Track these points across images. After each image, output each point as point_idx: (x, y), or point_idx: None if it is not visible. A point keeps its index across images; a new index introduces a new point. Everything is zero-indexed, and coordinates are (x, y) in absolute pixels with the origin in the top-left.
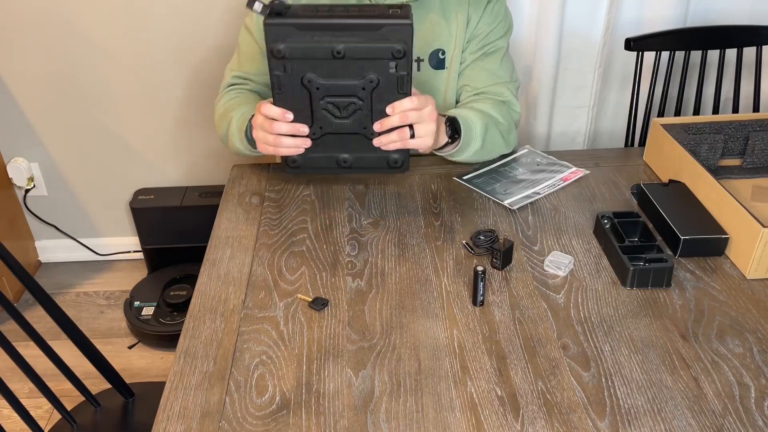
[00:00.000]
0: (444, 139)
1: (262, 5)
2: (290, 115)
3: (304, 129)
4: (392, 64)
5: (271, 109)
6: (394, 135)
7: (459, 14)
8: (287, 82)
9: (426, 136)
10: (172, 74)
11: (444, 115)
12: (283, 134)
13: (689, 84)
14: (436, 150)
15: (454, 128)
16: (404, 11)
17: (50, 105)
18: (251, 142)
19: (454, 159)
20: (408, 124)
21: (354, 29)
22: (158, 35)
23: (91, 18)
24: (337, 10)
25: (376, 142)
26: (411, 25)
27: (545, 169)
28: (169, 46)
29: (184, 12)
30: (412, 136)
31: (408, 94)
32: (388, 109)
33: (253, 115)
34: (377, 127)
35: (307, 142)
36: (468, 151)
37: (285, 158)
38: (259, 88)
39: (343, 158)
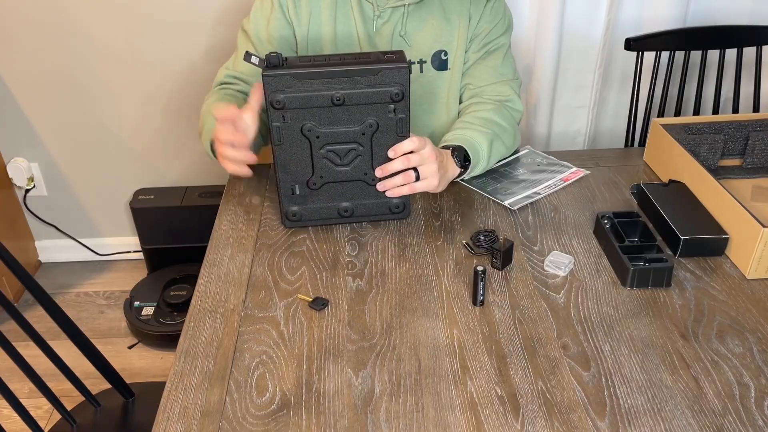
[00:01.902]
0: (455, 172)
1: (259, 58)
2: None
3: (245, 147)
4: (391, 107)
5: (221, 110)
6: (398, 179)
7: (460, 15)
8: (287, 133)
9: (431, 177)
10: (172, 74)
11: (448, 147)
12: (227, 141)
13: (689, 84)
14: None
15: (462, 156)
16: (399, 56)
17: (50, 105)
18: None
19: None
20: (411, 167)
21: (352, 75)
22: (158, 35)
23: (91, 18)
24: (333, 59)
25: (380, 186)
26: (408, 68)
27: (545, 169)
28: (169, 46)
29: (183, 13)
30: (417, 178)
31: (406, 135)
32: (390, 153)
33: None
34: (378, 173)
35: (246, 162)
36: (475, 171)
37: (284, 211)
38: (247, 88)
39: (343, 207)
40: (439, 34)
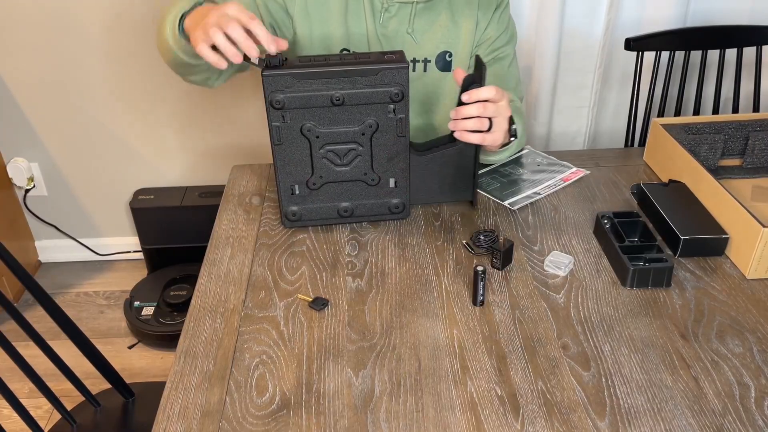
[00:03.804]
0: (506, 138)
1: (258, 58)
2: (258, 25)
3: (253, 52)
4: (391, 107)
5: (240, 13)
6: (471, 123)
7: (468, 18)
8: (286, 133)
9: (499, 132)
10: (173, 74)
11: None
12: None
13: (689, 84)
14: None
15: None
16: (399, 56)
17: (50, 105)
18: (184, 37)
19: (491, 158)
20: (486, 116)
21: (351, 75)
22: None
23: (91, 18)
24: (333, 59)
25: (452, 125)
26: (407, 68)
27: (546, 169)
28: None
29: None
30: (489, 129)
31: (405, 136)
32: (464, 97)
33: (196, 3)
34: (453, 114)
35: (251, 50)
36: (509, 151)
37: (284, 211)
38: None
39: (343, 207)
40: (446, 36)
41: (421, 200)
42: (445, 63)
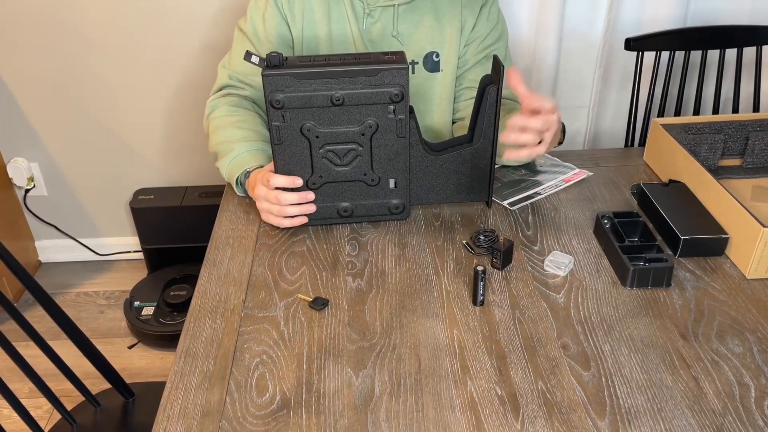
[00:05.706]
0: (556, 141)
1: (259, 58)
2: (300, 181)
3: (311, 195)
4: (391, 107)
5: (278, 179)
6: (530, 138)
7: (452, 17)
8: (286, 133)
9: (544, 147)
10: (172, 74)
11: None
12: (290, 204)
13: (689, 84)
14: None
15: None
16: (399, 56)
17: (50, 105)
18: (243, 189)
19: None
20: (545, 129)
21: (351, 76)
22: (158, 36)
23: (91, 18)
24: (333, 59)
25: (505, 137)
26: (407, 68)
27: (548, 170)
28: (168, 46)
29: (183, 13)
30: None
31: (405, 136)
32: (530, 99)
33: (248, 170)
34: (520, 120)
35: (311, 208)
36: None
37: None
38: (253, 93)
39: (343, 207)
40: (431, 36)
41: (436, 200)
42: (432, 64)
